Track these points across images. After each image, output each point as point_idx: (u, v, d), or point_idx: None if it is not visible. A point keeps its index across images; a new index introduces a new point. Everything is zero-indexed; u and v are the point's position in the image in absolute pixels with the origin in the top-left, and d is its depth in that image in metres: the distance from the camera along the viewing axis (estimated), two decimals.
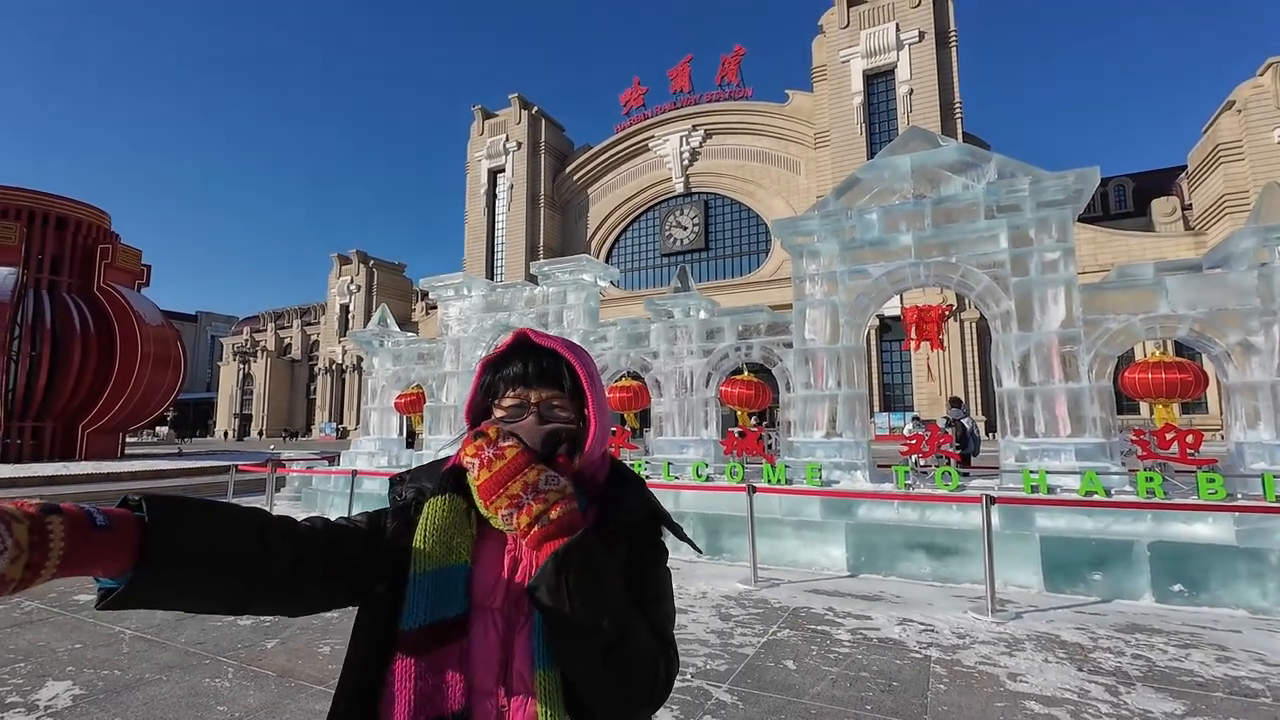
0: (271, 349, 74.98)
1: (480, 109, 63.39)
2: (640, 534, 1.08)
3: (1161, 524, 5.99)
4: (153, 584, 0.81)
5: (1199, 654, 4.45)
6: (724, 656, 4.45)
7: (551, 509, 0.96)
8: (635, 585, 1.02)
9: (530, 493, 0.96)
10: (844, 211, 8.24)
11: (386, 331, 13.03)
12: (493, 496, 0.97)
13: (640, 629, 0.98)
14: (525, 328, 1.15)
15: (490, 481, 0.98)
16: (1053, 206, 7.25)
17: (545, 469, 1.00)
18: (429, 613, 0.97)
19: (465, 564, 1.01)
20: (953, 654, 4.48)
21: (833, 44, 47.06)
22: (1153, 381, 6.85)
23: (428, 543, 1.01)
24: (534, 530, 0.95)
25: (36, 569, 0.72)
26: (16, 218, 20.10)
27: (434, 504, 1.05)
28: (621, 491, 1.11)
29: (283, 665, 4.31)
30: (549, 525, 0.95)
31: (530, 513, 0.95)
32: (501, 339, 8.12)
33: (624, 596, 0.97)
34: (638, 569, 1.05)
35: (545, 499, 0.96)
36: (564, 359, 1.11)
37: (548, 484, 0.98)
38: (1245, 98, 34.85)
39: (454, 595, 0.99)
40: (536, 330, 1.14)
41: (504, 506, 0.97)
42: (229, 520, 0.91)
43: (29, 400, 19.35)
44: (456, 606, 0.98)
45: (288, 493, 13.86)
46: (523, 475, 0.97)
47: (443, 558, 1.00)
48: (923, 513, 6.91)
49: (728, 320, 9.34)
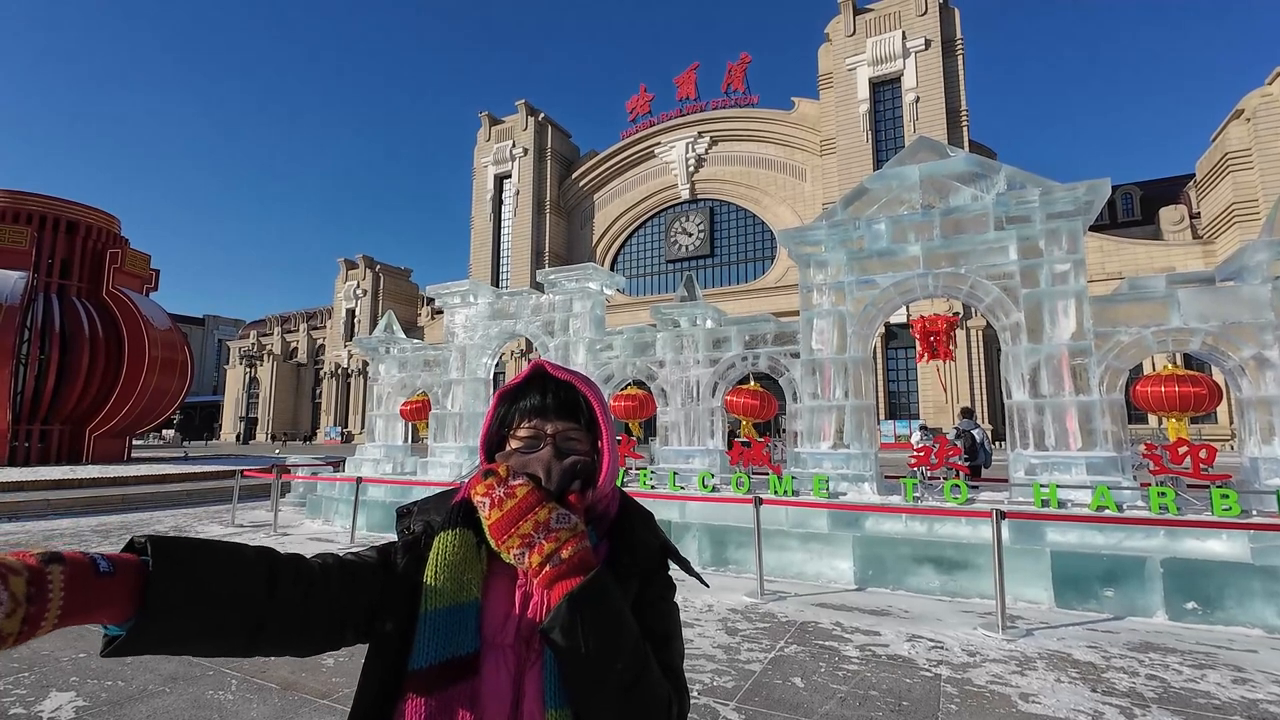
0: (278, 353, 75.35)
1: (487, 115, 63.74)
2: (654, 569, 1.09)
3: (1175, 540, 5.91)
4: (157, 630, 0.79)
5: (1214, 675, 4.37)
6: (731, 673, 4.40)
7: (563, 547, 0.96)
8: (646, 622, 1.02)
9: (542, 531, 0.96)
10: (852, 221, 8.21)
11: (392, 338, 13.03)
12: (504, 536, 0.97)
13: (654, 669, 0.97)
14: (543, 360, 1.16)
15: (501, 521, 0.97)
16: (1063, 218, 7.20)
17: (556, 507, 1.00)
18: (440, 651, 0.96)
19: (476, 601, 1.00)
20: (963, 672, 4.42)
21: (839, 52, 47.14)
22: (1165, 395, 6.78)
23: (439, 579, 1.00)
24: (546, 569, 0.95)
25: (35, 622, 0.70)
26: (28, 222, 20.29)
27: (444, 539, 1.04)
28: (632, 527, 1.11)
29: (286, 678, 4.28)
30: (561, 565, 0.95)
31: (542, 551, 0.95)
32: (506, 352, 7.97)
33: (638, 637, 0.97)
34: (649, 605, 1.05)
35: (557, 537, 0.96)
36: (580, 392, 1.12)
37: (559, 522, 0.97)
38: (1254, 107, 34.69)
39: (465, 633, 0.98)
40: (553, 363, 1.15)
41: (516, 546, 0.96)
42: (235, 562, 0.89)
43: (37, 403, 19.47)
44: (468, 644, 0.97)
45: (292, 498, 13.86)
46: (534, 514, 0.97)
47: (454, 594, 0.99)
48: (931, 526, 6.85)
49: (734, 329, 9.31)
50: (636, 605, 1.02)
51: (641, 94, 58.06)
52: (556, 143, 62.38)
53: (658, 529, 1.15)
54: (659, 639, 1.02)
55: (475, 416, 11.47)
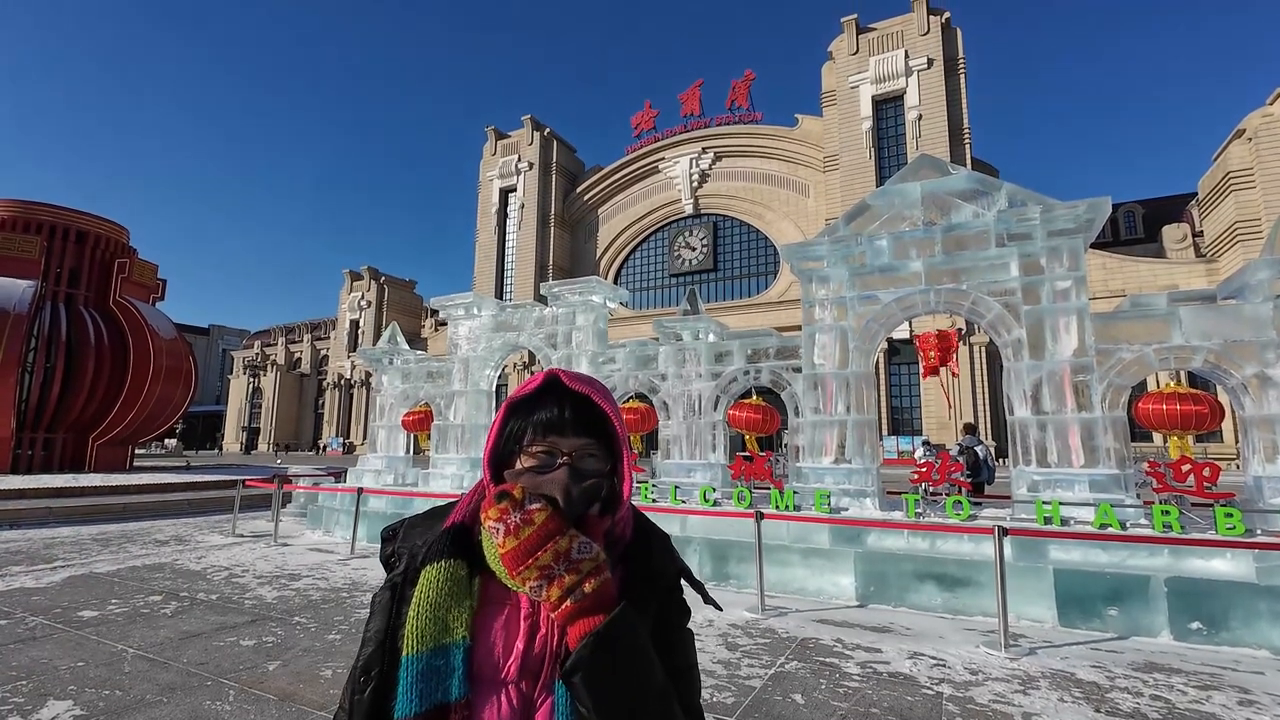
0: (281, 363, 75.55)
1: (493, 130, 64.38)
2: (672, 596, 1.03)
3: (1179, 559, 5.86)
4: None
5: (1220, 696, 4.32)
6: (731, 689, 4.37)
7: (585, 581, 0.88)
8: (664, 653, 0.95)
9: (563, 563, 0.89)
10: (854, 237, 8.26)
11: (396, 349, 13.09)
12: (520, 567, 0.89)
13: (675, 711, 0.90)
14: (556, 368, 1.05)
15: (517, 550, 0.89)
16: (1064, 235, 7.24)
17: (578, 535, 0.92)
18: (422, 699, 0.88)
19: (463, 641, 0.92)
20: (965, 691, 4.38)
21: (842, 70, 47.62)
22: (1167, 413, 6.76)
23: (420, 619, 0.92)
24: (566, 604, 0.87)
25: None
26: (38, 231, 20.49)
27: (429, 573, 0.96)
28: (650, 552, 1.04)
29: (284, 689, 4.27)
30: (583, 600, 0.87)
31: (563, 585, 0.88)
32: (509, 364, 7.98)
33: (665, 678, 0.90)
34: (667, 634, 0.98)
35: (579, 570, 0.89)
36: (598, 406, 1.02)
37: (580, 552, 0.90)
38: (1255, 126, 34.86)
39: (451, 677, 0.89)
40: (568, 371, 1.05)
41: (533, 578, 0.89)
42: None
43: (41, 411, 19.53)
44: (455, 690, 0.89)
45: (293, 508, 13.85)
46: (554, 543, 0.89)
47: (437, 636, 0.91)
48: (933, 542, 6.81)
49: (736, 344, 9.33)
50: (654, 635, 0.95)
51: (646, 110, 58.65)
52: (562, 157, 62.92)
53: (675, 552, 1.07)
54: (679, 672, 0.96)
55: (477, 428, 11.48)
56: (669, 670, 0.94)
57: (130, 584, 7.31)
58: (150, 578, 7.66)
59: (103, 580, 7.49)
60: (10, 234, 19.89)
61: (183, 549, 9.72)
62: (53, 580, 7.45)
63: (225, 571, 8.09)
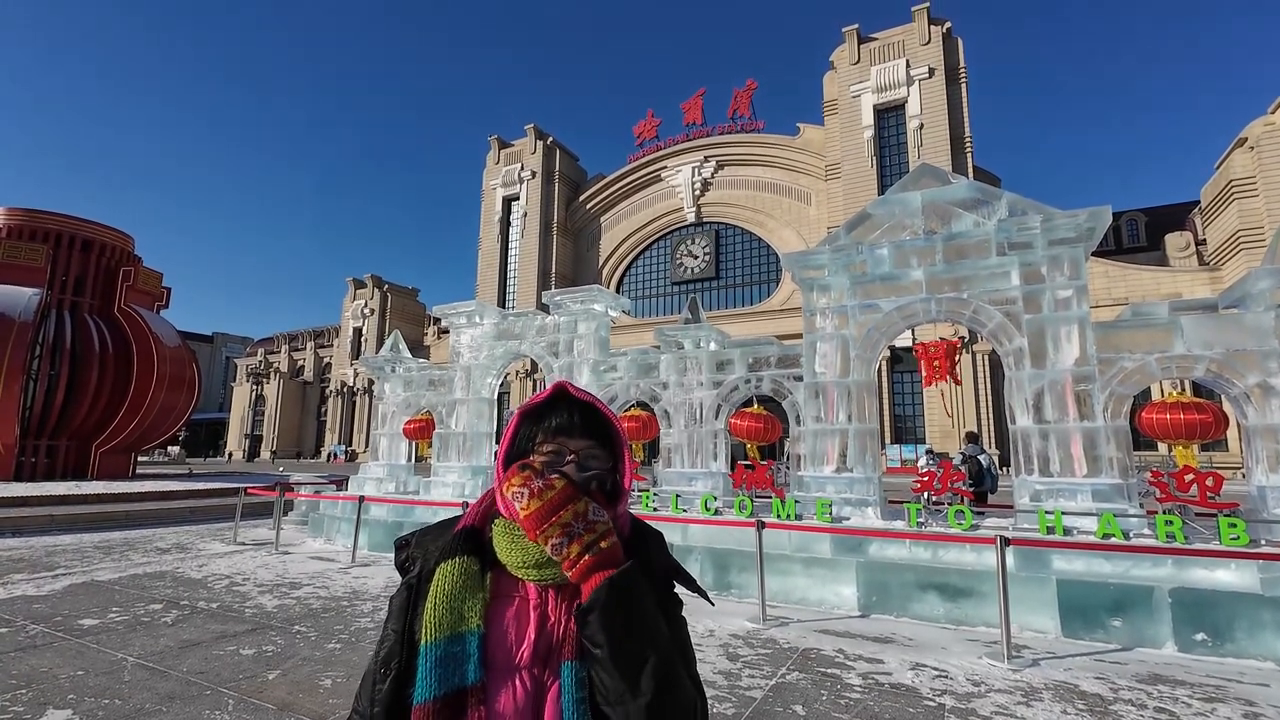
0: (284, 370, 75.70)
1: (496, 139, 64.74)
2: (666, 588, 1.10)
3: (1183, 570, 5.83)
4: None
5: (1225, 709, 4.29)
6: (731, 700, 4.35)
7: (601, 539, 0.98)
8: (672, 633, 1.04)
9: (581, 522, 0.98)
10: (854, 246, 8.28)
11: (398, 357, 13.12)
12: (543, 525, 0.98)
13: (681, 671, 0.97)
14: (564, 380, 1.19)
15: (541, 510, 0.98)
16: (1064, 244, 7.24)
17: (592, 502, 1.03)
18: (440, 684, 0.95)
19: (477, 629, 0.99)
20: (968, 702, 4.35)
21: (843, 79, 47.84)
22: (1170, 422, 6.73)
23: (438, 611, 1.00)
24: (586, 558, 0.96)
25: None
26: (44, 240, 20.64)
27: (444, 569, 1.04)
28: (646, 546, 1.12)
29: (283, 698, 4.26)
30: (600, 554, 0.97)
31: (582, 542, 0.97)
32: (511, 372, 7.99)
33: (667, 634, 0.98)
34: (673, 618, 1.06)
35: (594, 529, 0.98)
36: (601, 413, 1.14)
37: (595, 515, 1.01)
38: (1257, 135, 34.90)
39: (467, 663, 0.96)
40: (574, 384, 1.18)
41: (556, 535, 0.97)
42: None
43: (45, 419, 19.59)
44: (470, 675, 0.96)
45: (294, 516, 13.84)
46: (574, 505, 0.99)
47: (453, 624, 0.99)
48: (936, 552, 6.78)
49: (738, 352, 9.34)
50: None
51: (649, 119, 58.94)
52: (564, 166, 63.21)
53: (668, 551, 1.17)
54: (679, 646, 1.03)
55: (479, 436, 11.49)
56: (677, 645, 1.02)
57: (131, 592, 7.32)
58: (151, 586, 7.66)
59: (104, 588, 7.49)
60: (17, 242, 20.04)
61: (184, 557, 9.72)
62: (54, 588, 7.45)
63: (226, 580, 8.09)
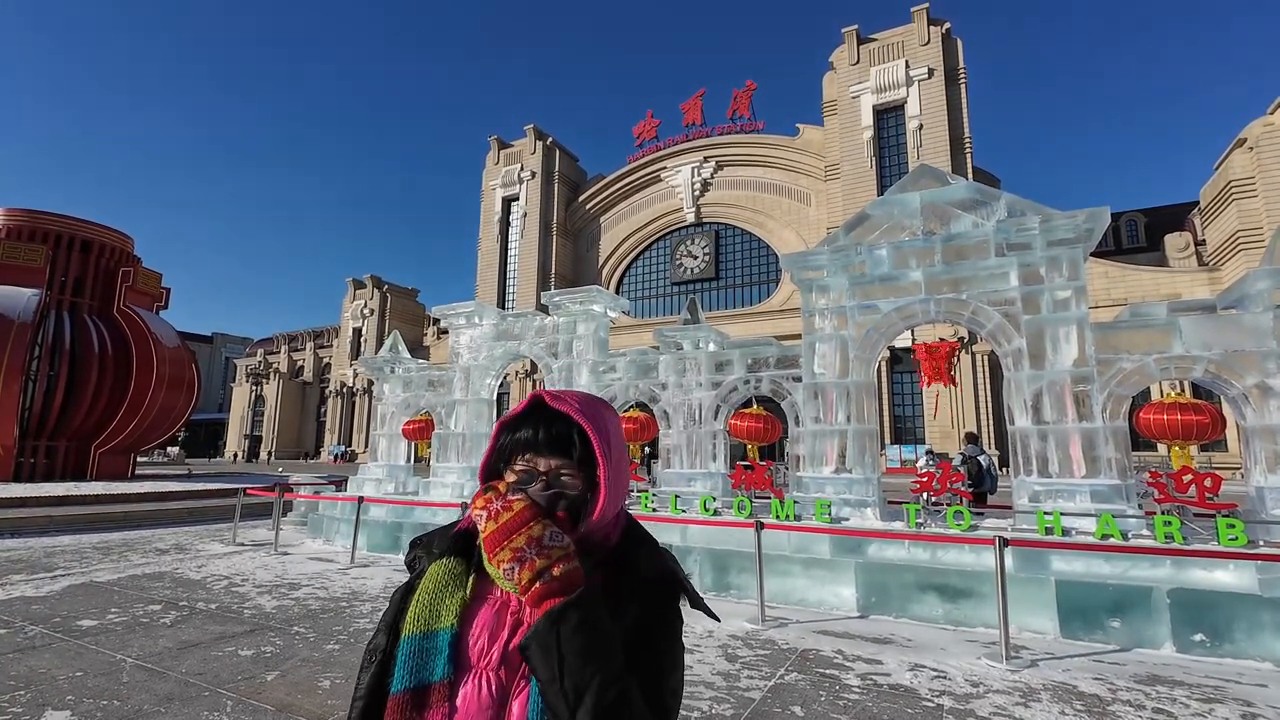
0: (284, 371, 75.67)
1: (496, 139, 64.76)
2: (652, 600, 1.04)
3: (1181, 570, 5.84)
4: None
5: (1223, 709, 4.29)
6: (730, 700, 4.35)
7: (554, 566, 0.95)
8: (640, 654, 0.97)
9: (534, 547, 0.96)
10: (853, 247, 8.28)
11: (397, 358, 13.12)
12: (497, 548, 0.97)
13: (634, 702, 0.91)
14: (543, 390, 1.13)
15: (496, 533, 0.98)
16: (1063, 245, 7.25)
17: (551, 525, 0.99)
18: (410, 677, 0.98)
19: (450, 629, 1.01)
20: (966, 703, 4.35)
21: (843, 80, 47.87)
22: (1168, 423, 6.74)
23: (419, 607, 1.03)
24: (536, 586, 0.94)
25: None
26: (44, 240, 20.63)
27: (433, 569, 1.08)
28: (630, 555, 1.08)
29: (281, 699, 4.26)
30: (551, 582, 0.94)
31: (533, 568, 0.94)
32: (511, 373, 8.03)
33: (619, 663, 0.92)
34: (641, 634, 0.99)
35: (549, 555, 0.95)
36: (576, 425, 1.07)
37: (552, 540, 0.97)
38: (1256, 135, 34.94)
39: (436, 660, 0.98)
40: (553, 392, 1.12)
41: (507, 560, 0.96)
42: None
43: (44, 420, 19.57)
44: (438, 672, 0.98)
45: (294, 517, 13.83)
46: (528, 529, 0.97)
47: (429, 622, 1.01)
48: (934, 553, 6.78)
49: (737, 353, 9.34)
50: (634, 634, 0.98)
51: (648, 119, 58.97)
52: (564, 166, 63.23)
53: (663, 557, 1.10)
54: (651, 672, 0.97)
55: (478, 437, 11.48)
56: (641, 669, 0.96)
57: (130, 593, 7.31)
58: (150, 587, 7.66)
59: (103, 589, 7.49)
60: (16, 243, 20.02)
61: (183, 558, 9.71)
62: (53, 589, 7.45)
63: (225, 580, 8.09)
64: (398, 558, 9.88)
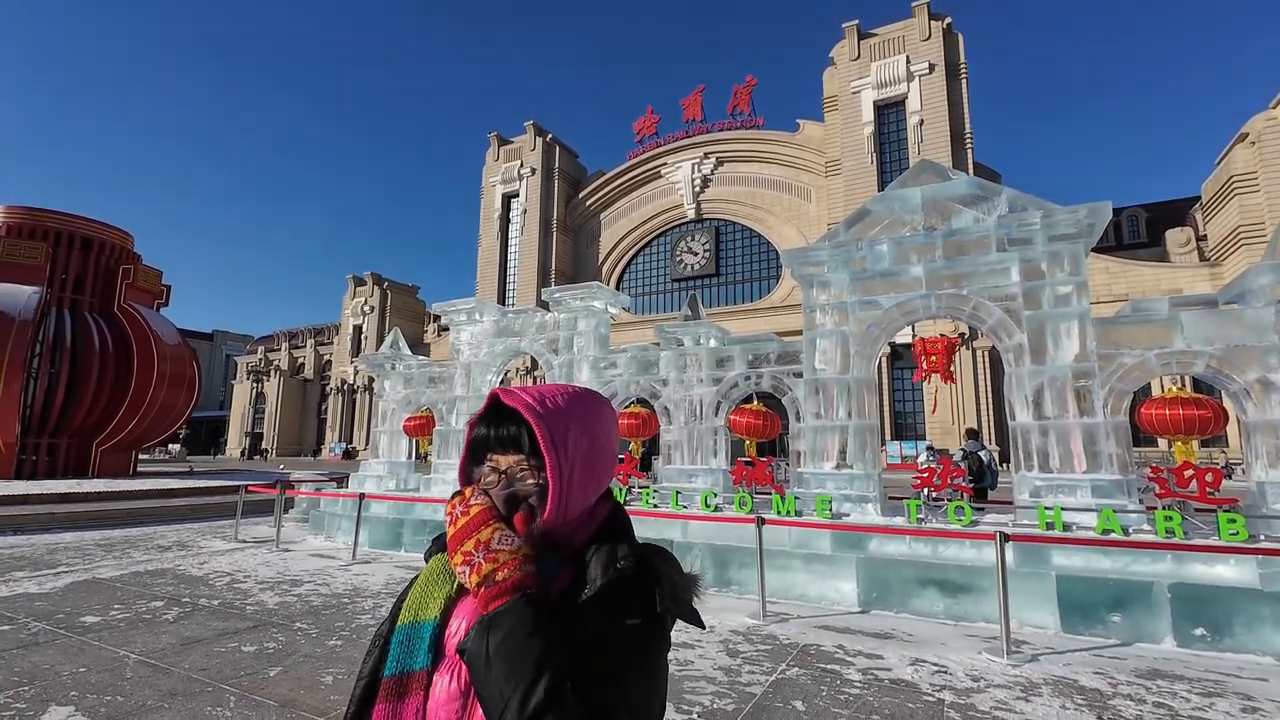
0: (285, 368, 75.74)
1: (496, 136, 64.66)
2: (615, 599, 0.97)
3: (1182, 565, 5.84)
4: None
5: (1223, 703, 4.30)
6: (731, 695, 4.36)
7: (500, 569, 0.95)
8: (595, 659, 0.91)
9: (481, 551, 0.97)
10: (854, 243, 8.27)
11: (398, 354, 13.13)
12: (454, 553, 1.00)
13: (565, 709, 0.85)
14: (498, 388, 1.11)
15: (454, 537, 1.01)
16: (1064, 240, 7.24)
17: (502, 528, 1.00)
18: (396, 664, 1.02)
19: (433, 620, 1.04)
20: (967, 698, 4.37)
21: (843, 75, 47.76)
22: (1170, 418, 6.74)
23: (412, 597, 1.08)
24: (481, 590, 0.96)
25: None
26: (44, 238, 20.63)
27: (432, 561, 1.12)
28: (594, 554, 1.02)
29: (284, 695, 4.27)
30: (494, 586, 0.94)
31: (479, 571, 0.96)
32: (512, 369, 8.02)
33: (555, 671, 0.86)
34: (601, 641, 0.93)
35: (495, 559, 0.96)
36: (525, 421, 1.04)
37: (500, 543, 0.98)
38: (1259, 130, 34.86)
39: (418, 649, 1.02)
40: (508, 389, 1.11)
41: (460, 562, 0.99)
42: None
43: (46, 417, 19.61)
44: (419, 661, 1.01)
45: (295, 514, 13.86)
46: (478, 533, 0.99)
47: (417, 612, 1.05)
48: (935, 548, 6.79)
49: (738, 349, 9.34)
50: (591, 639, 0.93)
51: (648, 116, 58.85)
52: (564, 163, 63.15)
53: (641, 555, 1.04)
54: (598, 676, 0.90)
55: None
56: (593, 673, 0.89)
57: (132, 589, 7.33)
58: (152, 583, 7.68)
59: (105, 586, 7.51)
60: (17, 241, 20.04)
61: (185, 554, 9.74)
62: (56, 585, 7.47)
63: (227, 577, 8.11)
64: (399, 554, 9.91)
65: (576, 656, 0.90)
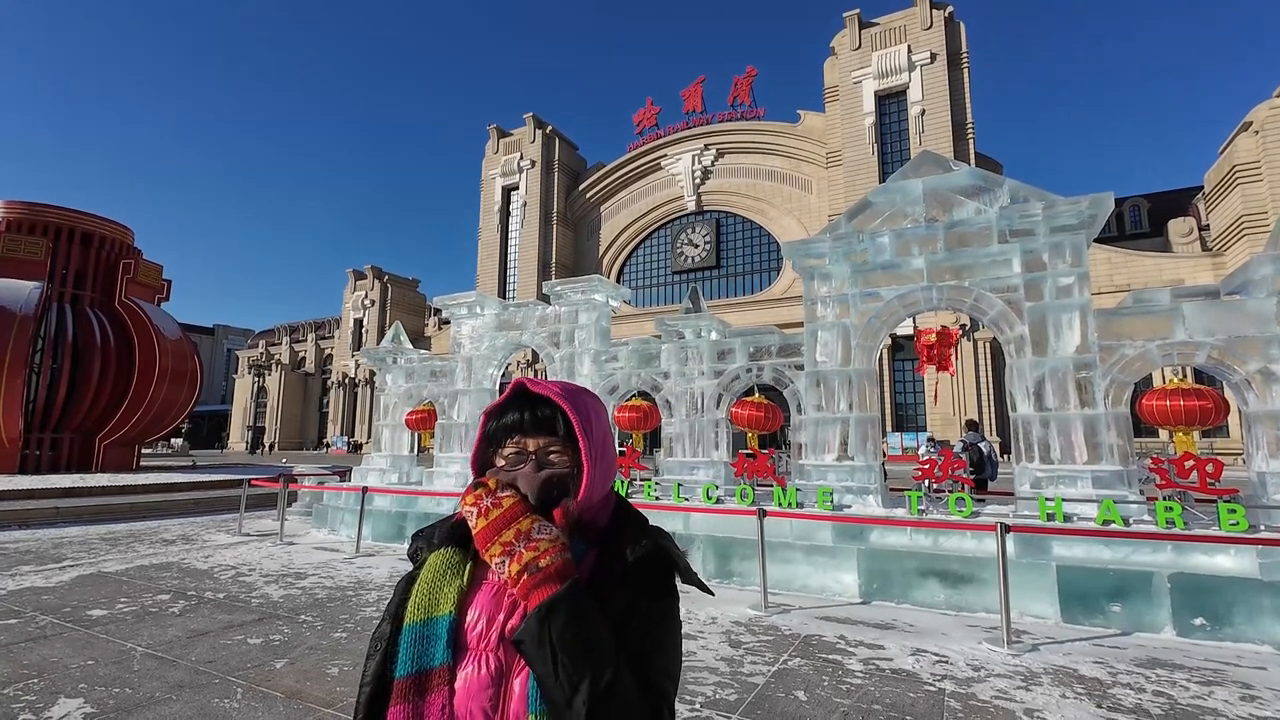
0: (286, 362, 75.81)
1: (495, 128, 64.38)
2: (643, 577, 1.05)
3: (1182, 555, 5.87)
4: None
5: (1222, 692, 4.33)
6: (734, 685, 4.39)
7: (541, 557, 0.98)
8: (629, 634, 0.99)
9: (522, 540, 1.00)
10: (855, 235, 8.26)
11: (399, 349, 13.14)
12: (488, 544, 1.01)
13: (627, 688, 0.94)
14: (523, 378, 1.18)
15: (486, 529, 1.02)
16: (1066, 231, 7.22)
17: (539, 518, 1.03)
18: (412, 663, 1.02)
19: (449, 615, 1.04)
20: (967, 687, 4.40)
21: (844, 65, 47.46)
22: (1171, 409, 6.75)
23: (419, 596, 1.07)
24: (524, 578, 0.97)
25: None
26: (44, 233, 20.59)
27: (432, 559, 1.12)
28: (620, 535, 1.10)
29: (291, 687, 4.31)
30: (538, 573, 0.97)
31: (521, 560, 0.98)
32: (513, 363, 8.07)
33: (609, 650, 0.95)
34: (634, 616, 1.01)
35: (536, 547, 0.99)
36: (558, 407, 1.12)
37: (540, 532, 1.01)
38: (1262, 119, 34.64)
39: (436, 646, 1.02)
40: (533, 379, 1.17)
41: (497, 554, 1.00)
42: None
43: (48, 412, 19.66)
44: (438, 657, 1.01)
45: (298, 508, 13.92)
46: (517, 523, 1.01)
47: (429, 609, 1.05)
48: (936, 539, 6.82)
49: (739, 341, 9.34)
50: (624, 616, 1.00)
51: (648, 107, 58.56)
52: (564, 155, 62.90)
53: (655, 536, 1.12)
54: (642, 654, 0.99)
55: None
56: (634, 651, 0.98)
57: (138, 583, 7.38)
58: (158, 577, 7.73)
59: (111, 579, 7.56)
60: (17, 236, 20.00)
61: (190, 548, 9.79)
62: (62, 579, 7.52)
63: (232, 570, 8.16)
64: (402, 547, 9.96)
65: None
